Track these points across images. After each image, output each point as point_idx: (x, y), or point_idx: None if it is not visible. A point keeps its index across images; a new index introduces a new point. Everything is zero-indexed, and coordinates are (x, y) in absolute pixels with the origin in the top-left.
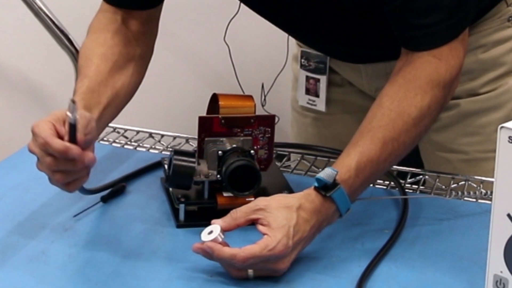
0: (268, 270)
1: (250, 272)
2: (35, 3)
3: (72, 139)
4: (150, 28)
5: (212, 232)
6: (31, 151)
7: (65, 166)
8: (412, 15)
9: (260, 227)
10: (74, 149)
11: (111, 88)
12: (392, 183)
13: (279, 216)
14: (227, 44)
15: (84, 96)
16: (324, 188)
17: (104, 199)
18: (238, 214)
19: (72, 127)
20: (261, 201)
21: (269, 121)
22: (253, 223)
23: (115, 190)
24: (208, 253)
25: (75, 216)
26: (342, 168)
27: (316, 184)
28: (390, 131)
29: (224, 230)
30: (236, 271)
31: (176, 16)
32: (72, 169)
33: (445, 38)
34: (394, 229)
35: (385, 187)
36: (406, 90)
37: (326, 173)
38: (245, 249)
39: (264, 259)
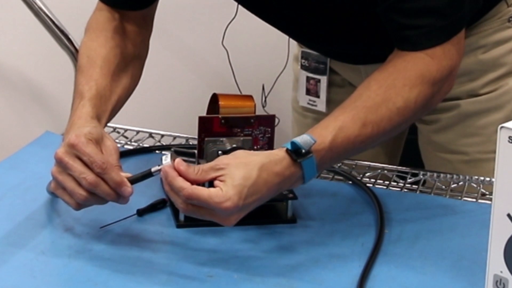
0: (215, 220)
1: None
2: (35, 3)
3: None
4: (145, 27)
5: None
6: (62, 161)
7: (102, 190)
8: (404, 16)
9: (216, 182)
10: (130, 188)
11: (115, 94)
12: (392, 182)
13: (236, 174)
14: (225, 48)
15: (95, 102)
16: (296, 152)
17: (140, 213)
18: (199, 172)
19: (148, 175)
20: (223, 159)
21: (269, 121)
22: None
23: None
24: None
25: (101, 227)
26: (318, 138)
27: (288, 147)
28: (373, 114)
29: (183, 176)
30: (183, 205)
31: (176, 17)
32: (104, 197)
33: (437, 40)
34: (379, 227)
35: (384, 187)
36: (395, 79)
37: (303, 139)
38: (195, 187)
39: (208, 207)
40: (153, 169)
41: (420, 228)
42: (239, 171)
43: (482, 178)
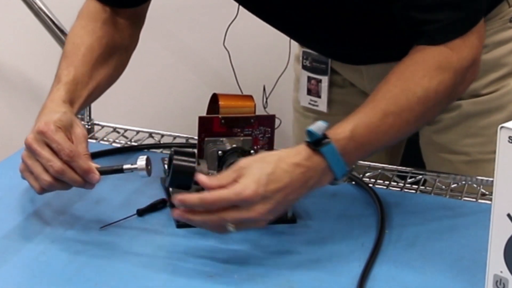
0: (245, 222)
1: (230, 226)
2: (35, 3)
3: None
4: (136, 21)
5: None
6: (31, 147)
7: (69, 177)
8: (421, 12)
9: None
10: (97, 175)
11: (93, 81)
12: (392, 182)
13: (253, 167)
14: (226, 49)
15: (69, 87)
16: (314, 142)
17: (140, 213)
18: (222, 177)
19: (119, 171)
20: (244, 161)
21: (269, 121)
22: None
23: (154, 204)
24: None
25: (101, 228)
26: (338, 129)
27: (307, 139)
28: (392, 105)
29: (208, 187)
30: (215, 225)
31: (177, 17)
32: (71, 184)
33: (455, 33)
34: (379, 227)
35: (385, 187)
36: (413, 70)
37: (316, 125)
38: (214, 192)
39: (233, 204)
40: (125, 166)
41: (420, 228)
42: (256, 164)
43: (482, 178)
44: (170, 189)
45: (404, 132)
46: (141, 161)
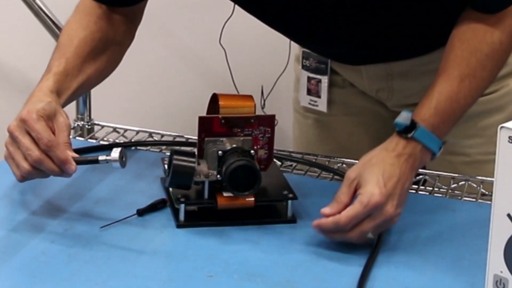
0: (381, 225)
1: (370, 235)
2: (35, 3)
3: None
4: (132, 18)
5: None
6: (12, 134)
7: (47, 167)
8: None
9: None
10: (74, 166)
11: (83, 74)
12: None
13: (365, 173)
14: (223, 47)
15: (59, 78)
16: (405, 131)
17: (140, 213)
18: (342, 197)
19: (94, 162)
20: (351, 173)
21: (269, 121)
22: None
23: (154, 204)
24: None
25: (101, 228)
26: (422, 109)
27: (396, 130)
28: (465, 68)
29: (335, 214)
30: (355, 235)
31: (174, 16)
32: (49, 173)
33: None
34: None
35: None
36: (474, 29)
37: (401, 116)
38: (345, 212)
39: (367, 215)
40: (100, 158)
41: (420, 228)
42: (366, 171)
43: (482, 178)
44: (170, 189)
45: (483, 90)
46: (115, 153)
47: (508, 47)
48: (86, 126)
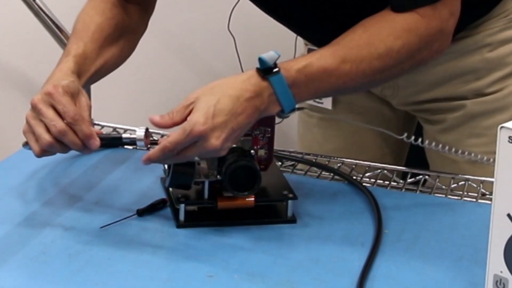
0: (205, 154)
1: (196, 158)
2: (35, 3)
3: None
4: (145, 7)
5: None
6: (36, 106)
7: (70, 139)
8: None
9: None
10: (98, 141)
11: (101, 59)
12: (392, 182)
13: (200, 100)
14: (231, 34)
15: (78, 60)
16: (264, 70)
17: (140, 213)
18: (175, 113)
19: (118, 139)
20: (193, 94)
21: (269, 121)
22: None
23: (154, 204)
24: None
25: (102, 228)
26: (292, 61)
27: (258, 66)
28: (353, 54)
29: (162, 127)
30: (180, 159)
31: (174, 16)
32: (70, 146)
33: (426, 1)
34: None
35: (385, 187)
36: (381, 27)
37: (268, 54)
38: (169, 138)
39: (190, 142)
40: (124, 135)
41: (420, 228)
42: (202, 98)
43: (482, 178)
44: (170, 189)
45: (358, 83)
46: (140, 131)
47: (404, 61)
48: None
